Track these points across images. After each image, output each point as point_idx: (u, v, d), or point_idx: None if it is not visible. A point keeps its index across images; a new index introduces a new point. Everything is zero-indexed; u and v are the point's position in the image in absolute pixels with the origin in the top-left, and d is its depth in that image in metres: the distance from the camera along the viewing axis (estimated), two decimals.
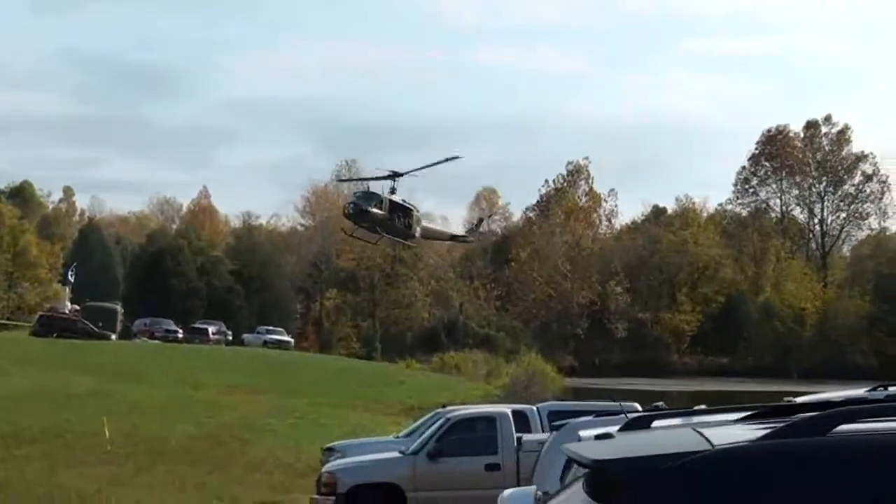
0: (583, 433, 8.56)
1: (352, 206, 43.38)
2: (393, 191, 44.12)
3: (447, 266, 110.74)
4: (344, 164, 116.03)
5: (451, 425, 18.93)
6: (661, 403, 12.62)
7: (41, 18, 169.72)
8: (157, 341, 77.83)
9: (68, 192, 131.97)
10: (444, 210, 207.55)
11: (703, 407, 10.70)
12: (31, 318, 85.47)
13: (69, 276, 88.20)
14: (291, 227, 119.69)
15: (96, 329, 71.28)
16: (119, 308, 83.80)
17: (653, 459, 3.69)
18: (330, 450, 23.13)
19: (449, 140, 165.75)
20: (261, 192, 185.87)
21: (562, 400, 25.36)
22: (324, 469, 19.37)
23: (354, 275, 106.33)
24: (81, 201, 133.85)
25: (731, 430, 4.05)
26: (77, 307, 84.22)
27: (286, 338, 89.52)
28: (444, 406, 24.73)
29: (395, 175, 45.36)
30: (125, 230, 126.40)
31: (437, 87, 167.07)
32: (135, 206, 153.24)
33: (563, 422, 12.19)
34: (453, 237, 55.28)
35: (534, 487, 7.58)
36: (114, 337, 74.05)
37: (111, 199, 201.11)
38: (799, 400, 12.16)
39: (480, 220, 53.04)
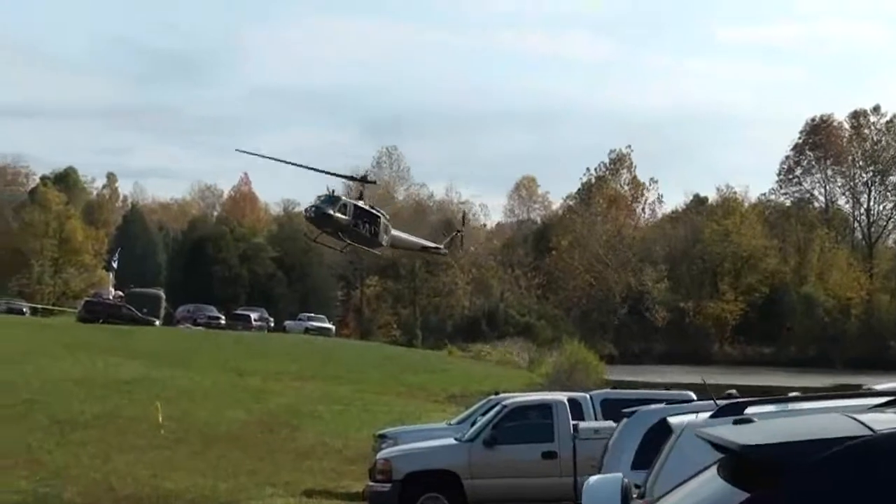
0: (673, 420, 8.50)
1: (313, 209, 42.43)
2: (360, 196, 43.32)
3: (487, 254, 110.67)
4: (384, 151, 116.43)
5: (508, 412, 18.87)
6: (733, 391, 12.52)
7: (80, 6, 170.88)
8: (200, 328, 78.34)
9: (111, 178, 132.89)
10: (484, 199, 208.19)
11: (797, 394, 10.62)
12: (76, 304, 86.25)
13: (113, 262, 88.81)
14: None
15: (141, 315, 71.77)
16: (162, 294, 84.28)
17: (812, 444, 3.61)
18: (382, 437, 23.14)
19: (486, 127, 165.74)
20: (299, 179, 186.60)
21: (617, 388, 25.12)
22: (378, 456, 19.36)
23: (395, 262, 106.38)
24: (124, 188, 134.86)
25: (881, 416, 3.98)
26: (121, 293, 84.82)
27: (327, 325, 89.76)
28: (496, 393, 24.67)
29: (364, 180, 44.68)
30: (167, 217, 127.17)
31: (474, 73, 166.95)
32: (176, 193, 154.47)
33: (633, 409, 12.10)
34: (424, 248, 54.52)
35: (620, 474, 7.53)
36: (158, 323, 74.52)
37: (153, 186, 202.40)
38: (878, 388, 12.05)
39: (458, 233, 52.08)
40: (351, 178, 46.33)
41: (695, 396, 18.73)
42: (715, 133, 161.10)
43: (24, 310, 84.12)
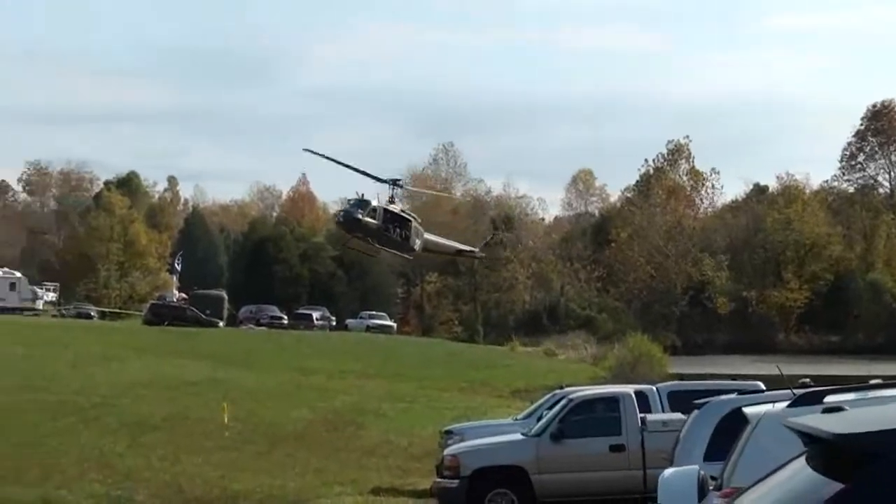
0: (749, 410, 8.37)
1: (342, 213, 42.23)
2: (391, 200, 42.87)
3: (546, 248, 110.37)
4: (441, 148, 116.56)
5: (574, 406, 18.76)
6: (807, 380, 12.32)
7: (136, 13, 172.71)
8: (263, 328, 78.87)
9: (172, 181, 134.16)
10: (540, 192, 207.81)
11: (878, 381, 10.42)
12: (141, 307, 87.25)
13: (176, 265, 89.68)
14: None
15: (204, 317, 72.36)
16: (225, 295, 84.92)
17: None
18: (449, 433, 23.09)
19: (540, 121, 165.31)
20: (355, 178, 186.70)
21: (683, 380, 24.89)
22: (446, 452, 19.33)
23: (454, 258, 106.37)
24: (185, 191, 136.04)
25: None
26: (184, 295, 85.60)
27: (388, 322, 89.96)
28: (561, 387, 24.55)
29: (395, 183, 44.35)
30: (227, 218, 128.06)
31: (529, 69, 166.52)
32: (235, 195, 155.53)
33: (705, 400, 11.94)
34: (459, 252, 53.97)
35: (696, 467, 7.44)
36: (221, 324, 75.09)
37: (212, 188, 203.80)
38: None
39: (495, 235, 51.64)
40: (381, 181, 46.20)
41: (763, 386, 18.49)
42: (772, 121, 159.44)
43: (93, 314, 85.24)
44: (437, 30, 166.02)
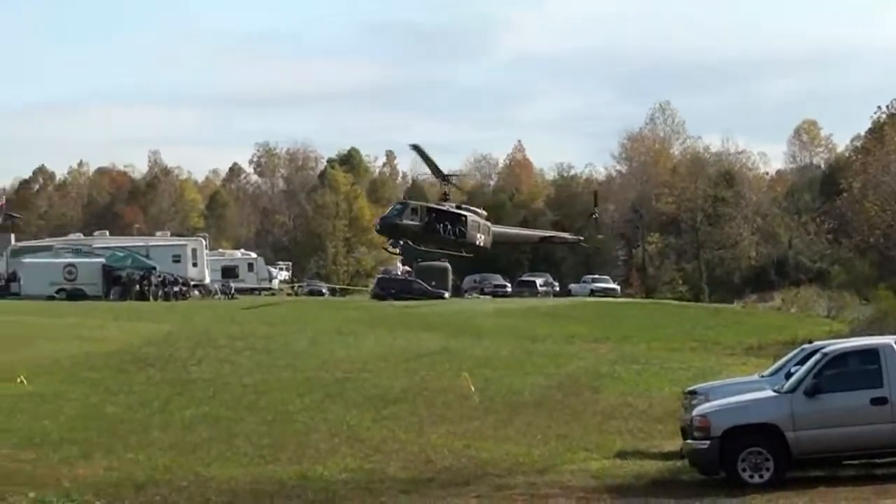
0: None
1: (380, 221, 41.25)
2: (445, 197, 41.36)
3: (770, 202, 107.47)
4: (657, 107, 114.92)
5: (829, 360, 18.10)
6: None
7: None
8: (487, 297, 79.53)
9: (390, 156, 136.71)
10: (762, 146, 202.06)
11: None
12: (367, 282, 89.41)
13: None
14: (608, 175, 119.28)
15: (430, 288, 73.41)
16: (449, 266, 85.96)
17: None
18: (692, 393, 22.68)
19: (759, 75, 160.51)
20: (565, 142, 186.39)
21: None
22: (695, 413, 18.96)
23: (676, 217, 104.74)
24: (403, 164, 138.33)
25: None
26: (408, 268, 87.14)
27: (612, 285, 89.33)
28: (810, 342, 23.78)
29: (444, 178, 43.04)
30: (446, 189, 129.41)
31: (742, 21, 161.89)
32: (453, 165, 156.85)
33: None
34: (545, 239, 51.43)
35: None
36: (447, 295, 76.06)
37: None
38: None
39: (593, 215, 49.35)
40: (437, 175, 45.39)
41: None
42: None
43: (324, 290, 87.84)
44: None
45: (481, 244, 42.19)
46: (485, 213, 45.80)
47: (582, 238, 56.57)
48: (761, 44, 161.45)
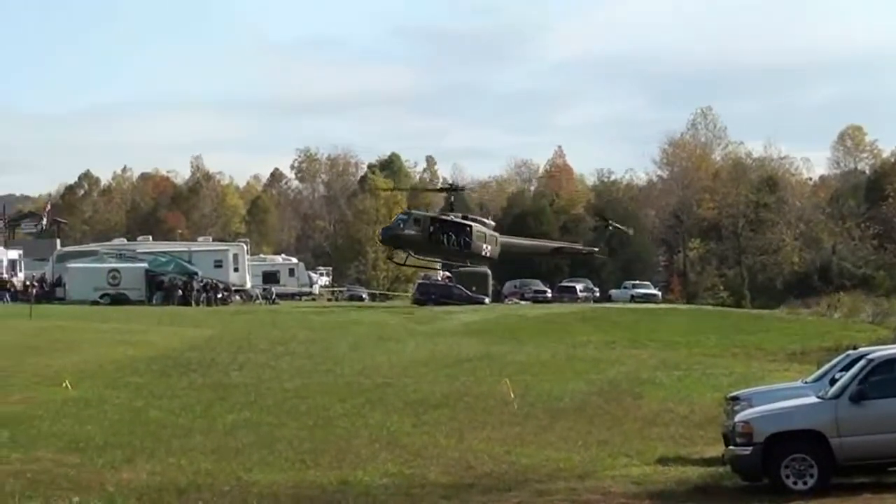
0: None
1: (381, 231, 40.86)
2: (450, 207, 40.87)
3: (814, 208, 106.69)
4: (699, 112, 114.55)
5: (874, 366, 17.89)
6: None
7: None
8: (527, 302, 79.35)
9: (430, 161, 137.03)
10: (805, 152, 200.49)
11: None
12: (407, 288, 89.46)
13: None
14: (648, 180, 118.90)
15: (470, 293, 73.36)
16: (489, 272, 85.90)
17: None
18: (735, 399, 22.52)
19: (803, 80, 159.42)
20: (611, 149, 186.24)
21: None
22: (737, 418, 18.82)
23: (717, 223, 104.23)
24: (443, 170, 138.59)
25: None
26: (448, 274, 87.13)
27: (653, 291, 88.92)
28: (855, 347, 23.57)
29: (451, 189, 42.74)
30: (486, 195, 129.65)
31: (786, 27, 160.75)
32: (493, 171, 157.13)
33: None
34: (557, 250, 50.33)
35: None
36: (487, 301, 75.96)
37: (470, 166, 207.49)
38: None
39: (608, 226, 48.56)
40: (438, 190, 45.43)
41: None
42: None
43: (364, 295, 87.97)
44: None
45: (487, 255, 42.00)
46: (493, 223, 45.63)
47: (596, 249, 55.65)
48: (805, 48, 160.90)
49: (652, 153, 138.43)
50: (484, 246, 40.15)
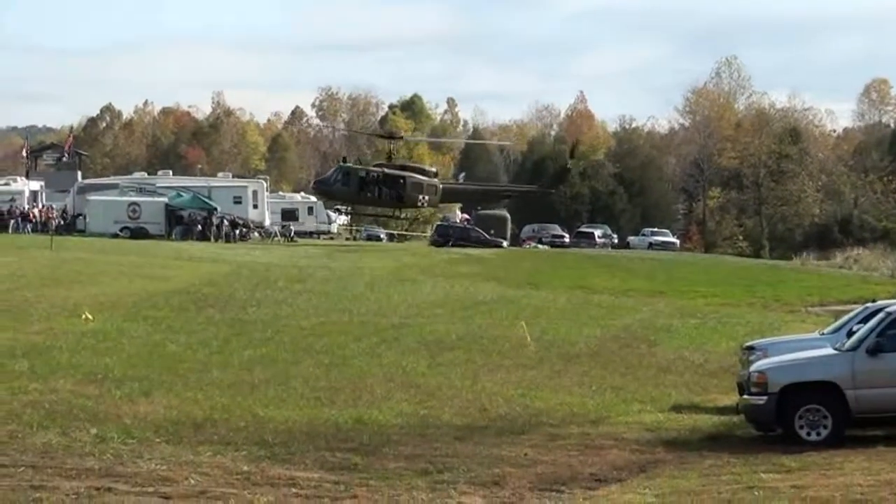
0: None
1: (314, 183, 40.79)
2: (389, 156, 40.46)
3: (836, 160, 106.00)
4: (724, 61, 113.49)
5: (893, 319, 17.84)
6: None
7: None
8: (545, 247, 79.40)
9: (451, 103, 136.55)
10: (830, 104, 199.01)
11: None
12: (425, 229, 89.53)
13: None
14: (670, 128, 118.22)
15: (488, 237, 73.39)
16: (507, 215, 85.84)
17: None
18: (751, 349, 22.50)
19: (825, 30, 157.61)
20: (633, 95, 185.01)
21: None
22: (752, 368, 18.83)
23: (738, 172, 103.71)
24: (464, 112, 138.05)
25: None
26: (467, 216, 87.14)
27: (671, 239, 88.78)
28: (874, 300, 23.49)
29: (391, 137, 42.31)
30: (507, 138, 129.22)
31: None
32: (513, 115, 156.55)
33: None
34: (507, 194, 49.36)
35: None
36: (505, 244, 76.00)
37: (491, 109, 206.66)
38: None
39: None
40: (377, 136, 45.25)
41: None
42: None
43: (382, 236, 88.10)
44: None
45: (423, 205, 42.06)
46: (433, 170, 45.43)
47: (535, 187, 56.24)
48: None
49: (675, 101, 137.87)
50: (419, 196, 40.15)
